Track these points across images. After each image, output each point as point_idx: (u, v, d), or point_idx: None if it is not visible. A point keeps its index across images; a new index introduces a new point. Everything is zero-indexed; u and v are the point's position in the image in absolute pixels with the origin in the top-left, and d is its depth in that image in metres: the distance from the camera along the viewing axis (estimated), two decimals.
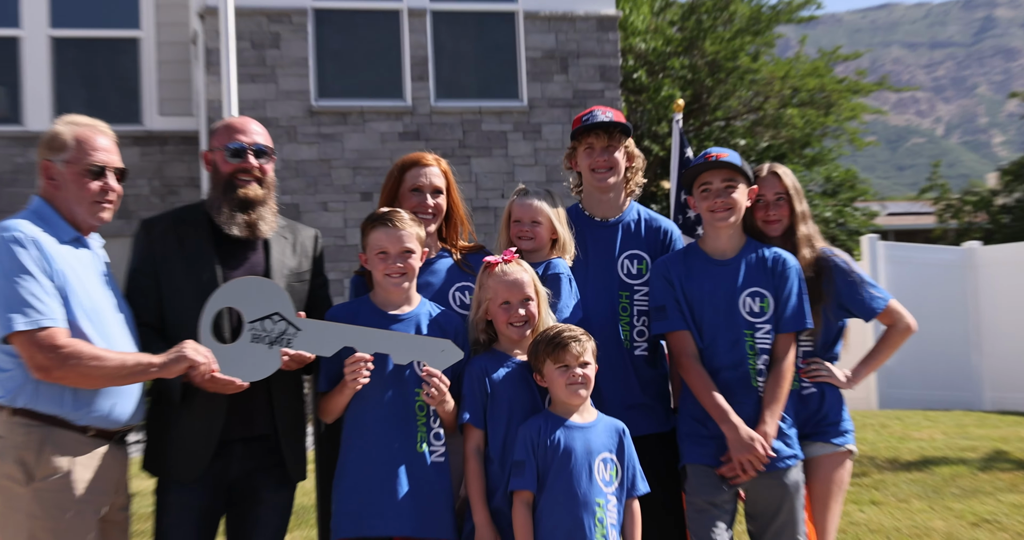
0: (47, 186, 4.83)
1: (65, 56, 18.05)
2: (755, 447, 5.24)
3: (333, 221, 16.86)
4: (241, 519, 5.21)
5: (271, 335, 4.92)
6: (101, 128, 4.92)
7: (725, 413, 5.29)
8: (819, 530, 5.57)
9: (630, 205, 5.86)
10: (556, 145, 17.75)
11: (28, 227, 4.67)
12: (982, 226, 29.26)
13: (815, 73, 29.63)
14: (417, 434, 5.05)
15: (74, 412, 4.64)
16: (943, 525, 8.83)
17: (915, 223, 37.67)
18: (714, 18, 28.94)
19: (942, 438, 12.94)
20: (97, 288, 4.79)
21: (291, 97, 17.13)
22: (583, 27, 18.11)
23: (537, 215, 5.55)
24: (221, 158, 5.24)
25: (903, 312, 5.76)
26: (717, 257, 5.52)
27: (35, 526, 4.56)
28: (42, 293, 4.54)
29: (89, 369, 4.53)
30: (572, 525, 4.85)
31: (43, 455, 4.58)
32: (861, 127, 32.01)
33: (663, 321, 5.47)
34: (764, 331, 5.42)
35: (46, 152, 4.83)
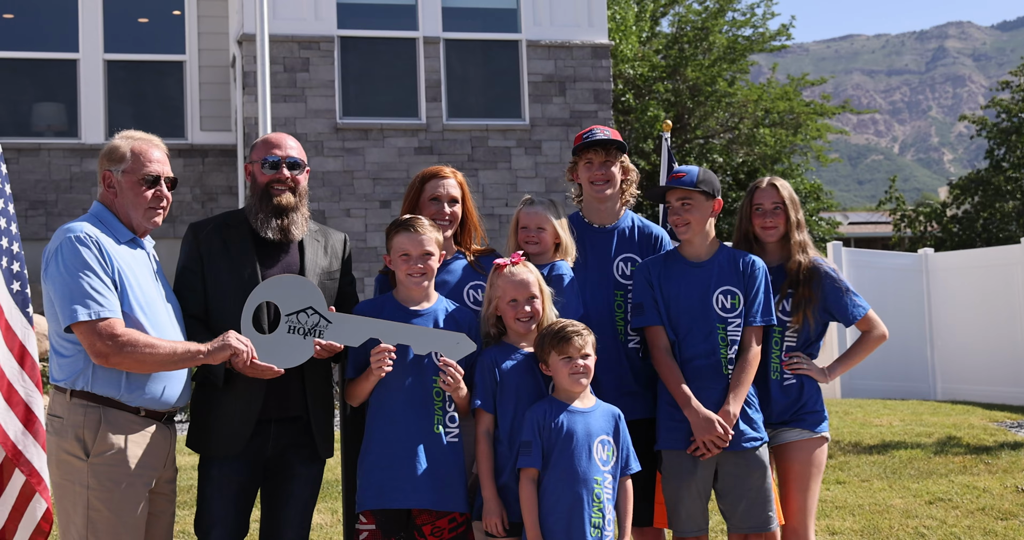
0: (106, 193, 4.86)
1: (117, 77, 18.03)
2: (715, 427, 5.27)
3: (355, 226, 16.85)
4: (275, 491, 5.22)
5: (305, 327, 4.95)
6: (155, 142, 4.94)
7: (688, 399, 5.33)
8: (800, 507, 5.57)
9: (625, 213, 5.88)
10: (555, 160, 17.75)
11: (90, 228, 4.69)
12: (934, 235, 29.25)
13: (785, 97, 29.64)
14: (434, 417, 5.07)
15: (128, 394, 4.66)
16: (901, 503, 8.84)
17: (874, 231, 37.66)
18: (695, 47, 28.96)
19: (900, 424, 12.94)
20: (149, 283, 4.81)
21: (319, 115, 17.12)
22: (579, 54, 18.10)
23: (542, 222, 5.57)
24: (259, 169, 5.28)
25: (878, 321, 5.81)
26: (693, 260, 5.56)
27: (91, 497, 4.60)
28: (102, 287, 4.56)
29: (143, 356, 4.55)
30: (572, 500, 4.87)
31: (99, 433, 4.61)
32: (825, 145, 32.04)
33: (640, 316, 5.53)
34: (735, 325, 5.47)
35: (106, 163, 4.85)
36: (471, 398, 5.11)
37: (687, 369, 5.42)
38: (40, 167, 17.46)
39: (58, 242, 4.65)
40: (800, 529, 5.58)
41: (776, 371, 5.62)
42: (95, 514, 4.58)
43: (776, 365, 5.62)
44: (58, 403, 4.70)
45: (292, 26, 16.95)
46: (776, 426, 5.61)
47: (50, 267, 4.64)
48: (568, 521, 4.87)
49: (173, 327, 4.85)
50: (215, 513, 5.09)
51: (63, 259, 4.59)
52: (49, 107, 18.01)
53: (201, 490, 5.16)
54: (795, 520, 5.58)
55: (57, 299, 4.59)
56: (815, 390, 5.68)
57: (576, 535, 4.86)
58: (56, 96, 18.04)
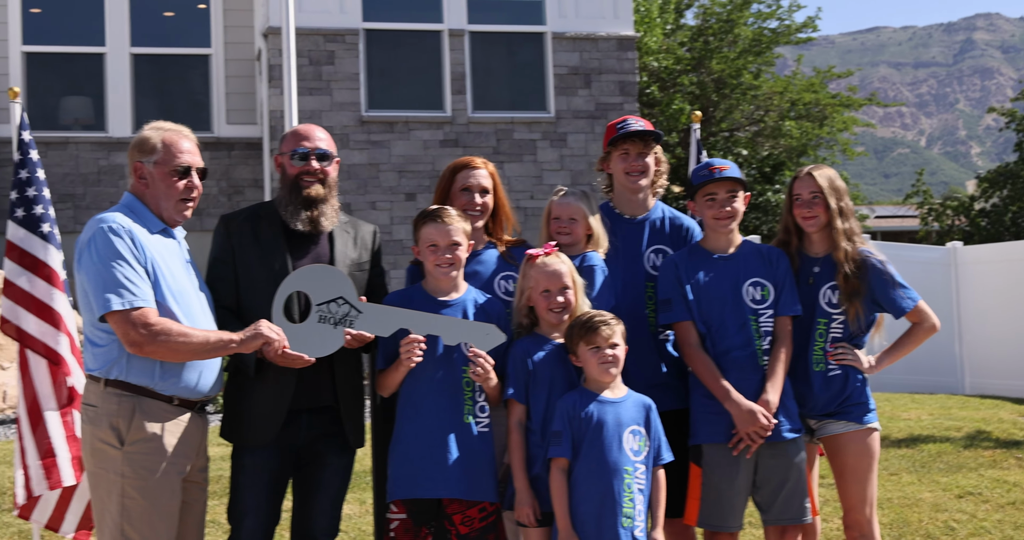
0: (138, 184, 4.88)
1: (144, 71, 18.12)
2: (758, 419, 5.26)
3: (381, 219, 16.89)
4: (307, 480, 5.26)
5: (335, 316, 4.97)
6: (185, 133, 4.98)
7: (727, 392, 5.31)
8: (860, 499, 5.53)
9: (655, 204, 5.88)
10: (580, 152, 17.75)
11: (123, 219, 4.72)
12: (962, 229, 29.10)
13: (810, 89, 29.56)
14: (464, 407, 5.08)
15: (162, 383, 4.69)
16: (931, 496, 8.81)
17: (900, 225, 37.51)
18: (720, 40, 28.90)
19: (928, 418, 12.89)
20: (181, 273, 4.84)
21: (344, 108, 17.17)
22: (604, 47, 18.10)
23: (574, 213, 5.57)
24: (288, 161, 5.31)
25: (929, 312, 5.69)
26: (719, 254, 5.55)
27: (125, 485, 4.63)
28: (135, 277, 4.59)
29: (177, 345, 4.58)
30: (604, 490, 4.88)
31: (134, 422, 4.64)
32: (852, 138, 31.91)
33: (668, 313, 5.51)
34: (767, 316, 5.46)
35: (137, 154, 4.88)
36: (503, 388, 5.13)
37: (723, 361, 5.40)
38: (68, 160, 17.57)
39: (91, 232, 4.67)
40: (863, 520, 5.55)
41: (820, 362, 5.57)
42: (129, 502, 4.61)
43: (820, 356, 5.56)
44: (92, 392, 4.73)
45: (318, 19, 17.00)
46: (821, 418, 5.57)
47: (83, 257, 4.66)
48: (599, 511, 4.87)
49: (205, 317, 4.88)
50: (247, 502, 5.13)
51: (96, 249, 4.62)
52: (77, 101, 18.12)
53: (234, 479, 5.20)
54: (856, 511, 5.55)
55: (91, 288, 4.61)
56: (861, 381, 5.61)
57: (607, 525, 4.87)
58: (83, 90, 18.14)
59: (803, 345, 5.55)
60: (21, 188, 6.22)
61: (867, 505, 5.56)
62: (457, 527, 5.04)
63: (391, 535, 5.09)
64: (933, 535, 7.81)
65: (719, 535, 5.45)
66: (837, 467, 5.58)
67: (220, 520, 7.76)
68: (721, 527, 5.39)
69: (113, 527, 4.64)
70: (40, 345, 6.06)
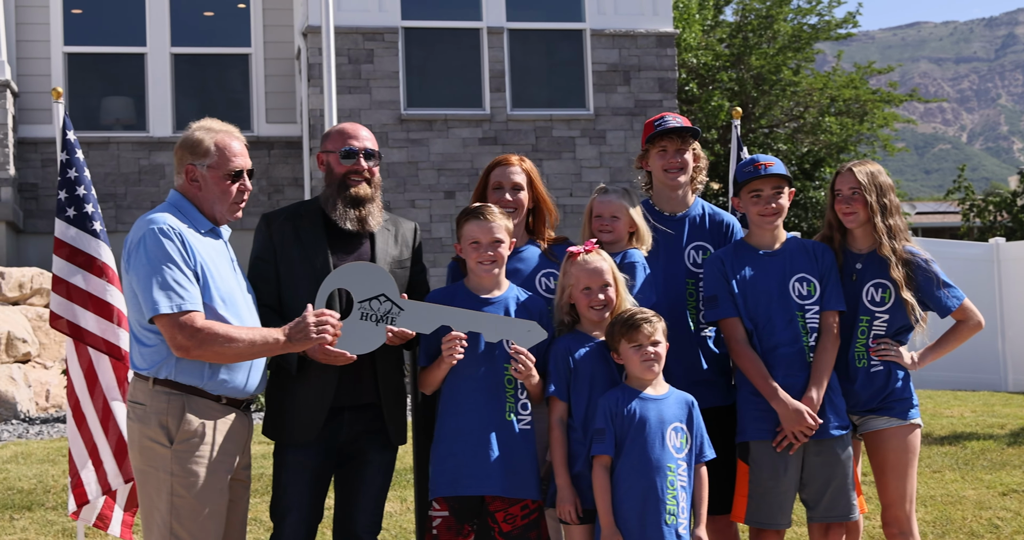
0: (189, 186, 4.87)
1: (184, 70, 18.24)
2: (804, 418, 5.25)
3: (420, 217, 16.93)
4: (349, 478, 5.27)
5: (377, 313, 4.98)
6: (235, 133, 4.97)
7: (775, 391, 5.30)
8: (900, 495, 5.51)
9: (695, 201, 5.87)
10: (619, 149, 17.73)
11: (172, 220, 4.72)
12: (1004, 225, 28.88)
13: (851, 85, 29.40)
14: (506, 405, 5.09)
15: (211, 383, 4.71)
16: (974, 494, 8.76)
17: (942, 221, 37.27)
18: (759, 36, 28.80)
19: (971, 415, 12.81)
20: (229, 274, 4.85)
21: (383, 106, 17.22)
22: (644, 43, 18.06)
23: (616, 211, 5.56)
24: (335, 160, 5.31)
25: (974, 310, 5.66)
26: (764, 250, 5.54)
27: (175, 483, 4.64)
28: (184, 280, 4.60)
29: (223, 348, 4.59)
30: (647, 487, 4.88)
31: (183, 420, 4.66)
32: (892, 134, 31.74)
33: (715, 309, 5.50)
34: (813, 312, 5.45)
35: (190, 157, 4.86)
36: (544, 386, 5.14)
37: (771, 358, 5.39)
38: (109, 160, 17.70)
39: (141, 233, 4.68)
40: (902, 516, 5.52)
41: (862, 358, 5.54)
42: (178, 501, 4.63)
43: (862, 352, 5.54)
44: (140, 390, 4.74)
45: (357, 18, 17.05)
46: (863, 414, 5.54)
47: (132, 258, 4.67)
48: (642, 508, 4.88)
49: (252, 317, 4.89)
50: (290, 499, 5.15)
51: (147, 250, 4.63)
52: (117, 101, 18.26)
53: (276, 476, 5.22)
54: (896, 508, 5.53)
55: (140, 290, 4.62)
56: (904, 377, 5.58)
57: (650, 522, 4.87)
58: (124, 90, 18.27)
59: (846, 341, 5.53)
60: (71, 187, 6.28)
61: (907, 502, 5.54)
62: (500, 524, 5.05)
63: (433, 533, 5.10)
64: (977, 533, 7.77)
65: (766, 532, 5.44)
66: (877, 463, 5.56)
67: (262, 518, 7.81)
68: (769, 524, 5.38)
69: (162, 525, 4.65)
70: (101, 341, 6.11)
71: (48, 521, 7.98)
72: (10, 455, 10.17)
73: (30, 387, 13.36)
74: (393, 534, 7.65)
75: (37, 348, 14.08)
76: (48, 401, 13.48)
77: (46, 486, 8.78)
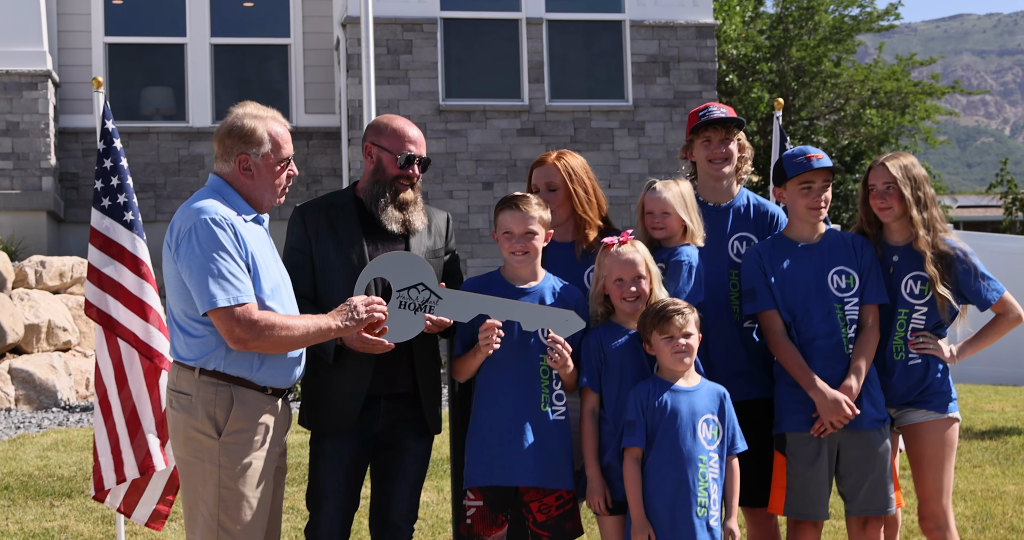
0: (241, 175, 4.80)
1: (223, 61, 18.31)
2: (842, 408, 5.22)
3: (458, 207, 16.95)
4: (386, 466, 5.29)
5: (416, 302, 4.99)
6: (280, 119, 4.92)
7: (812, 381, 5.27)
8: (937, 489, 5.47)
9: (740, 191, 5.83)
10: (658, 141, 17.68)
11: (223, 209, 4.66)
12: None
13: (892, 77, 29.19)
14: (541, 395, 5.09)
15: (259, 374, 4.68)
16: (1015, 489, 8.70)
17: (984, 215, 36.95)
18: (800, 27, 28.64)
19: (1012, 410, 12.71)
20: (272, 262, 4.83)
21: (422, 97, 17.24)
22: (683, 34, 17.99)
23: (665, 207, 5.51)
24: (390, 161, 5.28)
25: (1014, 303, 5.59)
26: (803, 243, 5.51)
27: (222, 475, 4.60)
28: (238, 271, 4.56)
29: (280, 338, 4.57)
30: (678, 479, 4.87)
31: (232, 412, 4.62)
32: (934, 127, 31.47)
33: (753, 302, 5.48)
34: (852, 304, 5.41)
35: (242, 145, 4.77)
36: (578, 376, 5.13)
37: (808, 350, 5.36)
38: (149, 150, 17.80)
39: (192, 223, 4.61)
40: (939, 510, 5.48)
41: (900, 351, 5.50)
42: (226, 493, 4.60)
43: (900, 345, 5.50)
44: (185, 380, 4.68)
45: (396, 8, 17.06)
46: (901, 407, 5.50)
47: (183, 248, 4.60)
48: (673, 500, 4.86)
49: (293, 306, 4.88)
50: (327, 487, 5.17)
51: (199, 241, 4.57)
52: (158, 91, 18.36)
53: (313, 465, 5.24)
54: (933, 502, 5.49)
55: (194, 283, 4.56)
56: (942, 371, 5.53)
57: (681, 514, 4.86)
58: (164, 80, 18.37)
59: (884, 334, 5.49)
60: (106, 177, 6.30)
61: (944, 496, 5.50)
62: (534, 514, 5.05)
63: (468, 522, 5.11)
64: (1017, 528, 7.71)
65: (803, 524, 5.40)
66: (915, 456, 5.51)
67: (299, 506, 7.84)
68: (808, 515, 5.35)
69: (209, 517, 4.62)
70: (131, 336, 6.12)
71: (88, 508, 8.04)
72: (50, 443, 10.25)
73: (70, 375, 13.47)
74: (430, 524, 7.67)
75: (77, 337, 14.20)
76: (88, 389, 13.59)
77: (85, 473, 8.85)
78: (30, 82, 16.91)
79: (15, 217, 16.63)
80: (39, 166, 16.90)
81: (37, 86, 16.92)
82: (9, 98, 16.85)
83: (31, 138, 16.90)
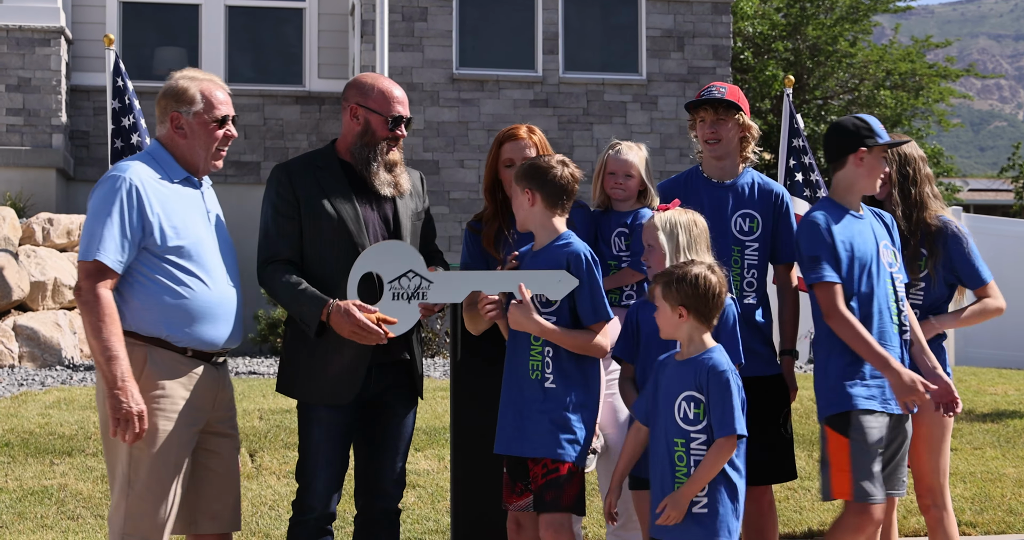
0: (174, 134, 4.85)
1: (238, 23, 18.23)
2: (918, 388, 5.06)
3: (468, 177, 16.93)
4: (377, 432, 5.23)
5: (408, 291, 4.93)
6: (218, 82, 4.96)
7: (886, 360, 5.09)
8: (935, 466, 5.49)
9: (744, 171, 5.79)
10: (670, 116, 17.62)
11: (143, 171, 4.73)
12: None
13: (907, 59, 29.01)
14: (529, 362, 4.94)
15: (172, 334, 4.67)
16: (1014, 472, 8.68)
17: (994, 199, 36.85)
18: (817, 6, 28.46)
19: (1015, 394, 12.66)
20: (197, 225, 4.81)
21: (435, 65, 17.17)
22: (699, 10, 17.91)
23: (630, 169, 5.57)
24: (379, 122, 5.17)
25: (999, 294, 5.63)
26: (855, 211, 5.36)
27: None
28: (117, 233, 4.59)
29: (90, 320, 4.54)
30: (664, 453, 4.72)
31: (144, 373, 4.62)
32: (948, 109, 31.33)
33: (817, 272, 5.22)
34: (900, 280, 5.32)
35: (175, 104, 4.84)
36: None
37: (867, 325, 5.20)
38: None
39: (102, 178, 4.71)
40: (936, 488, 5.50)
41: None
42: (137, 452, 4.61)
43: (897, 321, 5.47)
44: None
45: None
46: None
47: (89, 202, 4.71)
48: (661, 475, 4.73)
49: (220, 271, 4.84)
50: (324, 456, 5.09)
51: (97, 197, 4.66)
52: (171, 52, 18.27)
53: (306, 433, 5.15)
54: (931, 479, 5.51)
55: (82, 234, 4.65)
56: (938, 351, 5.52)
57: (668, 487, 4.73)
58: (178, 41, 18.30)
59: None
60: (126, 136, 6.25)
61: (940, 474, 5.51)
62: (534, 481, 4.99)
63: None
64: (1016, 510, 7.70)
65: (872, 507, 5.18)
66: (912, 436, 5.45)
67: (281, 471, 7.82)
68: (875, 498, 5.15)
69: (122, 476, 4.64)
70: None
71: (88, 467, 8.04)
72: (53, 401, 10.25)
73: (75, 334, 13.47)
74: (429, 492, 7.66)
75: None
76: None
77: (87, 432, 8.85)
78: (43, 38, 16.85)
79: (24, 174, 16.60)
80: (50, 123, 16.86)
81: (50, 42, 16.86)
82: (21, 54, 16.80)
83: (42, 95, 16.86)
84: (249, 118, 17.48)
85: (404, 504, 7.32)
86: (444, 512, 7.19)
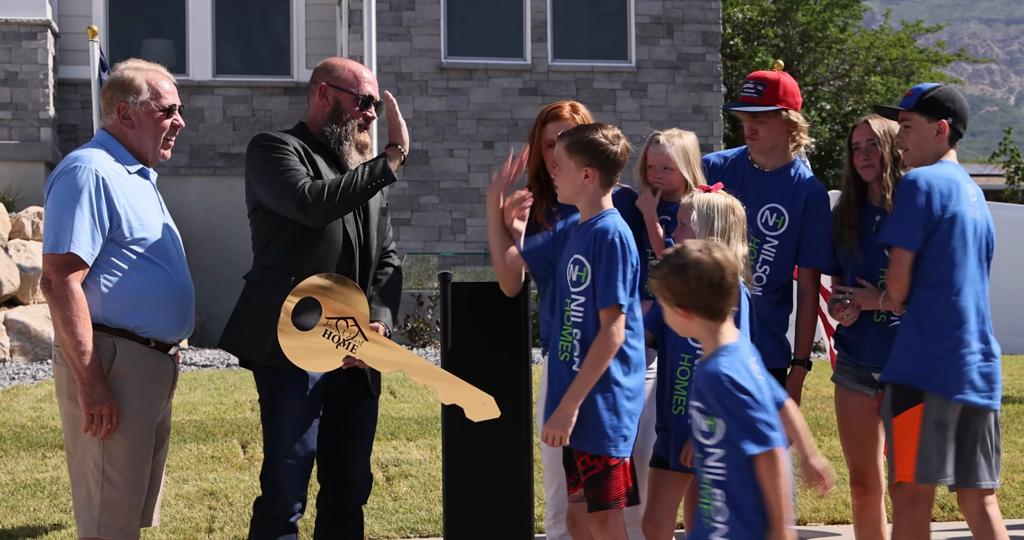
0: (121, 124, 4.82)
1: (225, 14, 18.19)
2: None
3: (458, 166, 16.92)
4: (344, 427, 5.13)
5: (340, 336, 4.76)
6: (164, 72, 4.95)
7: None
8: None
9: (793, 161, 5.65)
10: (660, 103, 17.62)
11: (103, 160, 4.70)
12: None
13: (898, 44, 29.07)
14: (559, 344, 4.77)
15: (142, 325, 4.67)
16: (1007, 457, 8.68)
17: (986, 184, 36.79)
18: None
19: (1008, 379, 12.68)
20: (155, 216, 4.81)
21: (424, 54, 17.15)
22: None
23: (668, 162, 5.42)
24: (349, 101, 5.07)
25: None
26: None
27: None
28: (86, 223, 4.56)
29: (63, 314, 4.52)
30: None
31: (115, 363, 4.62)
32: None
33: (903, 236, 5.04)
34: None
35: (121, 95, 4.81)
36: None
37: None
38: None
39: (61, 168, 4.67)
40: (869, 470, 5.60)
41: (880, 314, 5.44)
42: (111, 443, 4.58)
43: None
44: None
45: None
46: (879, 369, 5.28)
47: (49, 193, 4.66)
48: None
49: (181, 260, 4.85)
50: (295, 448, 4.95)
51: (60, 187, 4.62)
52: (158, 43, 18.23)
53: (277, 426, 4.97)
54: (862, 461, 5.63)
55: (46, 227, 4.61)
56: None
57: None
58: (165, 33, 18.28)
59: None
60: None
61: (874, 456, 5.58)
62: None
63: None
64: (1009, 495, 7.72)
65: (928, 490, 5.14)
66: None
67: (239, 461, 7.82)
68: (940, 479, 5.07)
69: (95, 470, 4.60)
70: None
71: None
72: (44, 394, 10.25)
73: None
74: (422, 481, 7.66)
75: None
76: None
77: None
78: (29, 32, 16.81)
79: (12, 168, 16.57)
80: (37, 117, 16.84)
81: (36, 36, 16.83)
82: (8, 48, 16.77)
83: (30, 88, 16.82)
84: (237, 109, 17.47)
85: (397, 494, 7.31)
86: (436, 501, 7.20)
